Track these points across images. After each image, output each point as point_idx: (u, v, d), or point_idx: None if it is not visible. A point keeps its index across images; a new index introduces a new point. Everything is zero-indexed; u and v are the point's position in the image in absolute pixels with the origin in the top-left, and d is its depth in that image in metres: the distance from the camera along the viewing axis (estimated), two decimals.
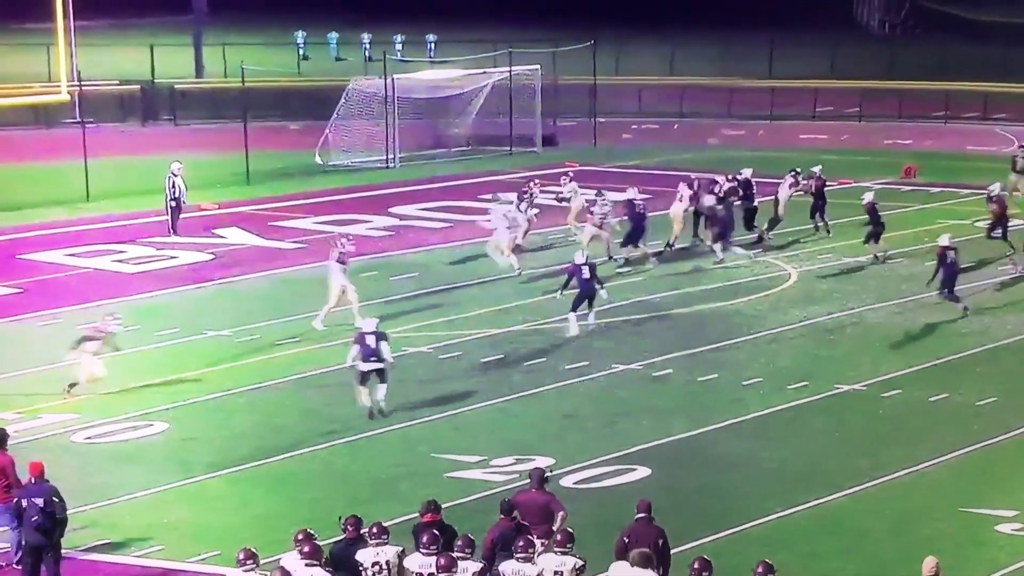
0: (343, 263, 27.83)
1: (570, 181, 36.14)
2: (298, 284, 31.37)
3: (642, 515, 15.68)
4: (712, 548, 16.73)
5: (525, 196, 34.01)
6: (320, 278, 28.61)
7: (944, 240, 29.14)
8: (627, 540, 15.27)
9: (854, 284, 31.61)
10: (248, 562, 14.61)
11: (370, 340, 23.04)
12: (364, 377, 23.06)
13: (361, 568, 14.92)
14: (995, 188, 34.59)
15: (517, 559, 14.61)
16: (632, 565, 14.50)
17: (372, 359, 22.91)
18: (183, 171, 35.92)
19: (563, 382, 25.00)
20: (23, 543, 17.14)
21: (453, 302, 30.12)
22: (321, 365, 25.73)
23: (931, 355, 26.45)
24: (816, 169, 36.61)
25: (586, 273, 27.46)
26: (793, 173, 36.30)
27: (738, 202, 34.53)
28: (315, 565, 14.62)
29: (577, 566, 14.70)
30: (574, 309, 27.62)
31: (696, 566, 14.28)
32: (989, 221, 33.91)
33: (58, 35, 37.09)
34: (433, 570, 14.44)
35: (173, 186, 35.44)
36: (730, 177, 35.05)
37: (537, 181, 36.11)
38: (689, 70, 63.64)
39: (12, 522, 17.54)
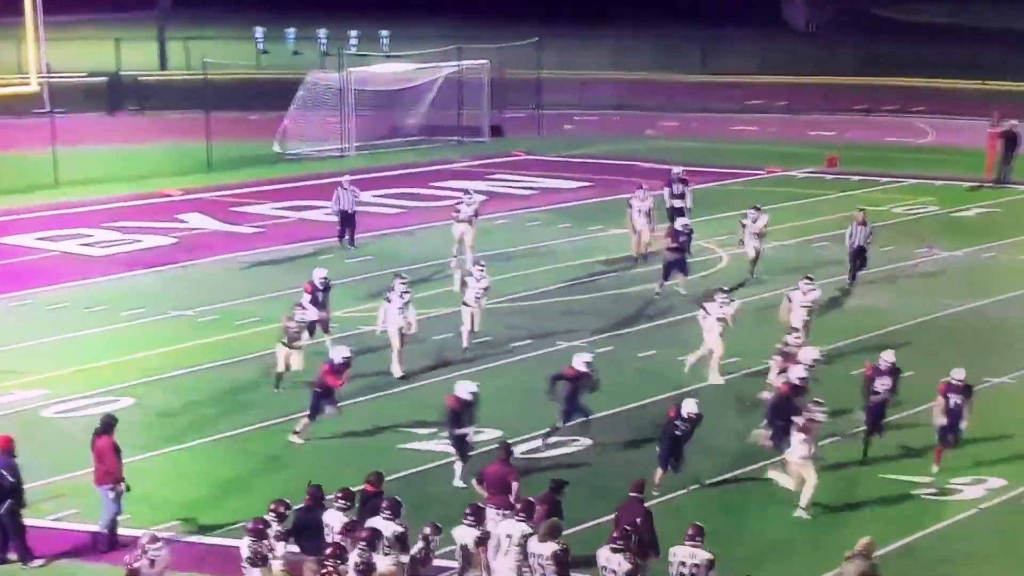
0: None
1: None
2: (257, 267, 31.08)
3: (632, 494, 15.90)
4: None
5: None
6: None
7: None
8: (616, 515, 15.55)
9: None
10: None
11: None
12: None
13: (328, 528, 14.94)
14: None
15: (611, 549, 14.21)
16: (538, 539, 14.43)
17: None
18: (350, 183, 33.54)
19: (510, 358, 24.87)
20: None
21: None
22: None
23: None
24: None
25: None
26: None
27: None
28: (392, 520, 14.66)
29: (707, 560, 14.33)
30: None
31: (689, 532, 14.37)
32: None
33: (28, 29, 36.46)
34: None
35: (338, 198, 33.30)
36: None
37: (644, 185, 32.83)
38: (627, 65, 63.51)
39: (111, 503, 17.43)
